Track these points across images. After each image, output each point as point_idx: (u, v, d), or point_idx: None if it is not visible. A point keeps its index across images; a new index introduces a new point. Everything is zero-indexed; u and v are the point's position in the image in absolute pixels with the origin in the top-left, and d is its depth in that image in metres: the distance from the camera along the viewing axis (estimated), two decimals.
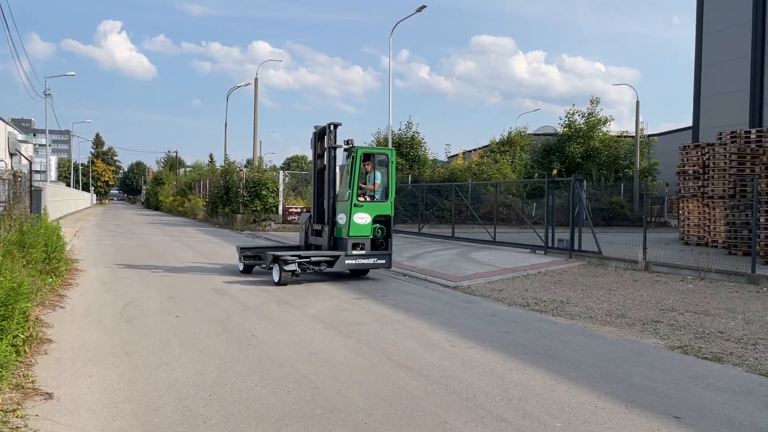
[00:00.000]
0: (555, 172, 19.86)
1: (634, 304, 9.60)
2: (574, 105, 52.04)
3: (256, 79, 34.12)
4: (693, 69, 22.84)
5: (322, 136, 12.09)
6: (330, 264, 11.09)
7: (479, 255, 16.15)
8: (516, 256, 15.97)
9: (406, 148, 34.89)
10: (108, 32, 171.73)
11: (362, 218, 11.28)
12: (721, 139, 18.79)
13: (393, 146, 27.94)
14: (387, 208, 11.62)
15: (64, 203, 40.93)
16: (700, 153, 18.71)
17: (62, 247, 11.99)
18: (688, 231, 19.16)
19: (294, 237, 22.28)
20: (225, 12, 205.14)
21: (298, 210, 30.01)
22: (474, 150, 44.13)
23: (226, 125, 41.12)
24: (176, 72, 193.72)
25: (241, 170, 31.47)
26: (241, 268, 12.39)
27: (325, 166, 11.93)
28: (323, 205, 11.97)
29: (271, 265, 11.03)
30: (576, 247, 15.67)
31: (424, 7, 25.41)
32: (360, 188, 11.39)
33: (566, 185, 20.48)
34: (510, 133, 40.05)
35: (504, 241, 18.65)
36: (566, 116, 36.39)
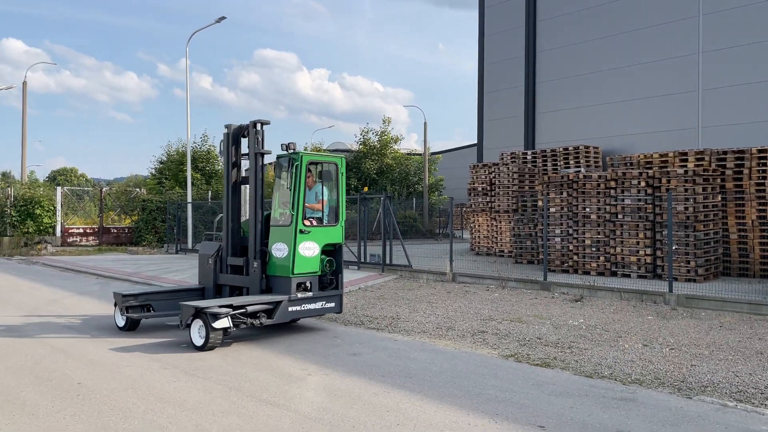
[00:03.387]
0: (366, 189, 20.54)
1: (457, 315, 10.25)
2: (368, 123, 54.59)
3: (24, 83, 30.18)
4: (472, 94, 25.29)
5: (239, 138, 9.34)
6: (269, 314, 8.33)
7: None
8: None
9: (203, 162, 33.50)
10: None
11: (310, 249, 8.60)
12: (503, 159, 21.00)
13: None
14: (337, 234, 9.07)
15: None
16: (487, 172, 20.70)
17: None
18: (479, 242, 21.05)
19: (83, 261, 20.03)
20: None
21: (80, 230, 27.08)
22: (271, 164, 43.81)
23: None
24: None
25: (8, 186, 27.51)
26: (121, 323, 9.02)
27: (243, 178, 9.37)
28: (238, 231, 9.25)
29: (189, 322, 7.92)
30: (388, 261, 16.31)
31: (223, 17, 24.63)
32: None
33: (373, 201, 21.30)
34: (306, 149, 40.52)
35: None
36: (361, 134, 37.86)
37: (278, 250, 8.65)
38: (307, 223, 8.69)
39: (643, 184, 13.84)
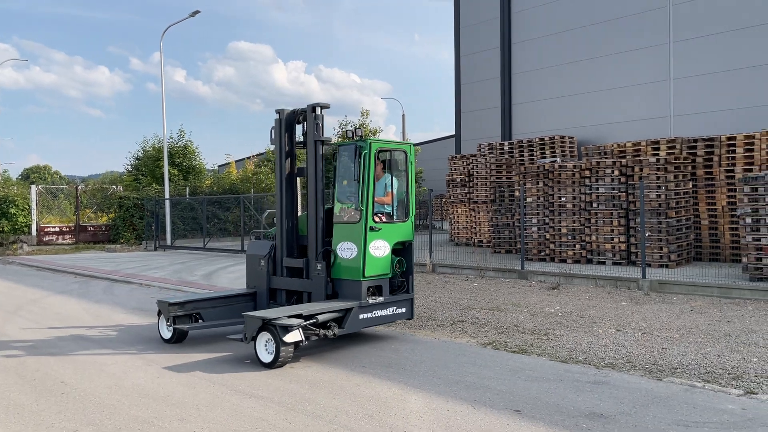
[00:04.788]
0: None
1: (437, 305, 10.42)
2: (346, 116, 54.48)
3: None
4: (449, 85, 25.47)
5: (292, 124, 8.31)
6: (339, 323, 7.37)
7: None
8: None
9: (179, 157, 33.28)
10: None
11: (380, 248, 7.62)
12: (480, 150, 21.24)
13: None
14: (408, 231, 8.00)
15: None
16: (465, 163, 20.87)
17: None
18: (458, 233, 21.26)
19: (60, 260, 19.85)
20: None
21: (56, 229, 26.79)
22: (249, 158, 43.67)
23: None
24: None
25: None
26: (168, 335, 8.01)
27: (297, 169, 8.38)
28: (295, 228, 8.28)
29: (255, 335, 6.90)
30: None
31: (197, 12, 24.47)
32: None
33: None
34: None
35: None
36: (339, 126, 37.84)
37: (345, 250, 7.64)
38: (377, 219, 7.68)
39: (616, 173, 14.12)
